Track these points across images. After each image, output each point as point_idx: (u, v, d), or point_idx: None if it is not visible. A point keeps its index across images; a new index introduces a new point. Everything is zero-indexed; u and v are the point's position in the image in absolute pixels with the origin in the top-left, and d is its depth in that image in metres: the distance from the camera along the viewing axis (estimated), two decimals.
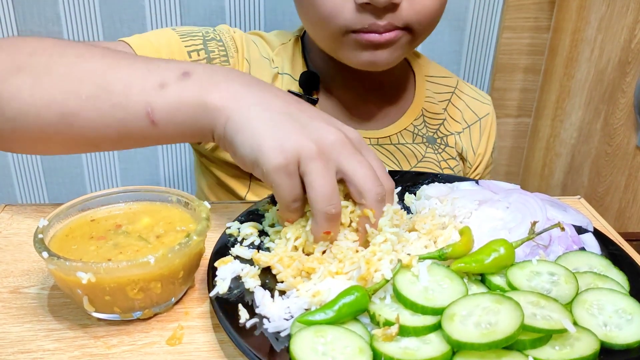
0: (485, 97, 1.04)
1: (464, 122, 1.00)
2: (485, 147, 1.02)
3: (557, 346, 0.45)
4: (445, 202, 0.64)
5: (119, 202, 0.59)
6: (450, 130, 0.98)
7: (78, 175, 1.60)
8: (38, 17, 1.40)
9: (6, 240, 0.63)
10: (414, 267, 0.51)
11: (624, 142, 1.64)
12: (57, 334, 0.50)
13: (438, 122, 0.97)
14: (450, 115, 0.99)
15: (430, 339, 0.46)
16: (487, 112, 1.02)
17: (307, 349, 0.44)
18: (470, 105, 1.01)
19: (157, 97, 0.57)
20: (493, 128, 1.03)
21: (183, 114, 0.57)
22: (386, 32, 0.76)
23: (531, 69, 1.64)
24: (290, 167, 0.52)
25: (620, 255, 0.59)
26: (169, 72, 0.58)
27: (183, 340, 0.50)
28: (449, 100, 0.99)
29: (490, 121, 1.03)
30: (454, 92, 1.01)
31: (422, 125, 0.95)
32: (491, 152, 1.03)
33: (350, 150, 0.54)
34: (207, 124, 0.57)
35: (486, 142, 1.02)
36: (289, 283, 0.53)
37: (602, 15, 1.49)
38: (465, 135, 0.99)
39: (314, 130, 0.54)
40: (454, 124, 0.99)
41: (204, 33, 0.84)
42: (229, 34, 0.86)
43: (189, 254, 0.51)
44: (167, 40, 0.80)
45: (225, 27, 0.88)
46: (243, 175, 0.89)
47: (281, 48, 0.91)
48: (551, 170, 1.71)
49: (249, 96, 0.56)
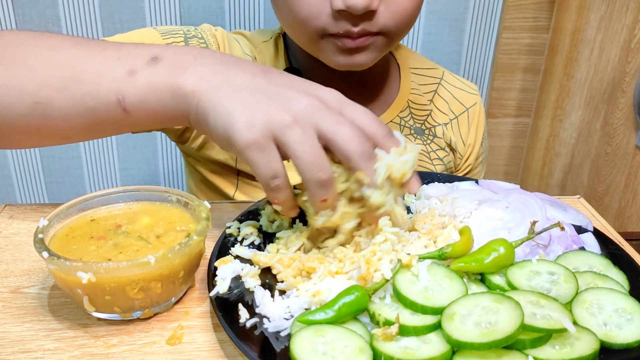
0: (471, 87, 1.04)
1: (451, 112, 1.00)
2: (474, 137, 1.02)
3: (557, 345, 0.45)
4: (445, 202, 0.65)
5: (119, 202, 0.59)
6: (438, 121, 0.98)
7: (78, 176, 1.60)
8: (38, 18, 1.40)
9: (6, 240, 0.63)
10: (413, 267, 0.51)
11: (624, 142, 1.64)
12: (57, 334, 0.50)
13: (424, 113, 0.97)
14: (436, 107, 0.98)
15: (430, 339, 0.46)
16: (474, 102, 1.02)
17: (307, 349, 0.44)
18: (457, 95, 1.01)
19: (127, 84, 0.56)
20: (482, 117, 1.03)
21: (154, 101, 0.56)
22: (360, 38, 0.76)
23: (531, 68, 1.64)
24: (262, 141, 0.50)
25: (620, 255, 0.59)
26: (138, 59, 0.57)
27: (183, 339, 0.50)
28: (435, 91, 0.99)
29: (478, 110, 1.02)
30: (439, 83, 1.00)
31: (408, 117, 0.95)
32: (481, 142, 1.03)
33: (325, 112, 0.52)
34: (179, 109, 0.56)
35: (475, 132, 1.02)
36: (289, 283, 0.53)
37: (601, 15, 1.49)
38: (453, 127, 0.99)
39: (284, 100, 0.52)
40: (441, 115, 0.99)
41: (185, 31, 0.85)
42: (211, 32, 0.87)
43: (189, 254, 0.51)
44: (148, 39, 0.80)
45: (207, 26, 0.88)
46: (230, 174, 0.89)
47: (263, 46, 0.91)
48: (551, 170, 1.71)
49: (216, 76, 0.55)
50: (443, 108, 0.99)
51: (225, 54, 0.59)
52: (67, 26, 1.41)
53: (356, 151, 0.51)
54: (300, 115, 0.51)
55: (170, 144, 1.57)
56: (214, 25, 0.89)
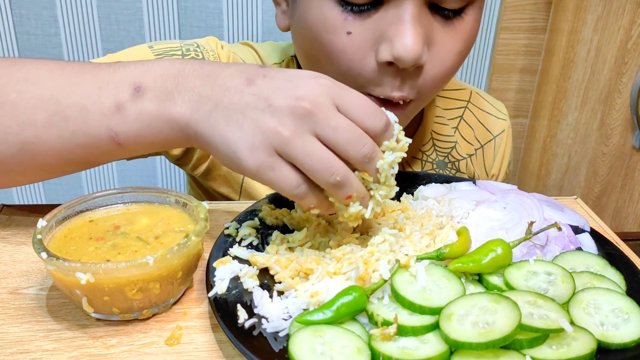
0: (501, 112, 0.96)
1: (477, 141, 0.92)
2: (499, 167, 0.95)
3: (554, 345, 0.45)
4: (443, 203, 0.65)
5: (117, 202, 0.59)
6: (462, 154, 0.91)
7: (75, 176, 1.60)
8: (35, 19, 1.40)
9: (4, 240, 0.63)
10: (411, 267, 0.51)
11: (621, 143, 1.65)
12: (55, 335, 0.50)
13: (449, 145, 0.90)
14: (462, 136, 0.91)
15: (428, 339, 0.46)
16: (503, 129, 0.94)
17: (305, 349, 0.44)
18: (485, 121, 0.93)
19: (117, 120, 0.55)
20: (508, 146, 0.95)
21: (150, 134, 0.56)
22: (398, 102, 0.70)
23: (528, 69, 1.64)
24: (269, 161, 0.50)
25: (617, 255, 0.59)
26: (119, 89, 0.55)
27: (182, 340, 0.50)
28: (460, 117, 0.92)
29: (505, 138, 0.94)
30: (466, 106, 0.93)
31: (431, 150, 0.89)
32: (505, 171, 0.97)
33: (319, 117, 0.50)
34: (178, 138, 0.56)
35: (500, 162, 0.95)
36: (287, 283, 0.53)
37: (598, 16, 1.50)
38: (477, 158, 0.93)
39: (276, 113, 0.50)
40: (466, 146, 0.92)
41: (184, 51, 0.79)
42: (214, 52, 0.81)
43: (188, 255, 0.52)
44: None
45: (213, 42, 0.83)
46: (233, 188, 0.87)
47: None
48: (548, 171, 1.71)
49: (204, 103, 0.53)
50: (468, 137, 0.92)
51: (204, 64, 0.56)
52: (64, 27, 1.41)
53: (356, 156, 0.51)
54: (295, 127, 0.50)
55: None
56: (211, 27, 0.88)
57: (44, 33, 1.41)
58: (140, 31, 1.43)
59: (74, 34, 1.42)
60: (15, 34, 1.40)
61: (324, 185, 0.51)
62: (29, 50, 1.43)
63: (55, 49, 1.43)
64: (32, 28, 1.40)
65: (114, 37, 1.43)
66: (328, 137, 0.50)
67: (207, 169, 0.84)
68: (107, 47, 1.44)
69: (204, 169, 0.84)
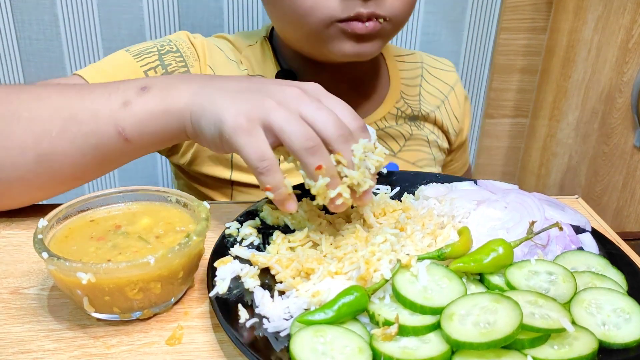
0: (448, 64, 1.07)
1: (440, 93, 1.02)
2: (463, 109, 1.06)
3: (555, 345, 0.45)
4: (444, 202, 0.65)
5: (118, 202, 0.59)
6: (430, 107, 1.00)
7: None
8: (36, 21, 1.40)
9: (5, 240, 0.63)
10: (413, 267, 0.51)
11: (622, 142, 1.64)
12: (56, 334, 0.50)
13: (416, 101, 0.99)
14: (427, 91, 1.01)
15: (430, 339, 0.46)
16: (456, 79, 1.06)
17: (306, 349, 0.44)
18: (439, 76, 1.04)
19: (124, 114, 0.59)
20: (461, 88, 1.07)
21: (153, 124, 0.60)
22: (369, 22, 0.76)
23: (528, 69, 1.64)
24: (248, 125, 0.53)
25: (618, 255, 0.59)
26: (128, 91, 0.60)
27: (182, 340, 0.50)
28: (421, 76, 1.01)
29: (459, 85, 1.07)
30: (422, 66, 1.03)
31: (405, 107, 0.97)
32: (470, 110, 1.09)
33: (306, 99, 0.55)
34: (177, 126, 0.60)
35: (463, 104, 1.06)
36: (289, 283, 0.53)
37: (599, 16, 1.49)
38: (443, 108, 1.02)
39: (269, 91, 0.56)
40: (432, 100, 1.01)
41: (159, 47, 0.83)
42: (187, 43, 0.85)
43: (189, 255, 0.52)
44: (121, 64, 0.80)
45: (183, 34, 0.87)
46: (224, 186, 0.88)
47: (248, 50, 0.90)
48: (548, 170, 1.71)
49: (205, 89, 0.59)
50: (432, 91, 1.02)
51: (211, 75, 0.64)
52: (65, 29, 1.41)
53: (334, 134, 0.53)
54: (282, 101, 0.55)
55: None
56: (212, 26, 0.89)
57: (45, 35, 1.41)
58: (141, 32, 1.43)
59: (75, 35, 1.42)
60: (17, 37, 1.41)
61: (297, 151, 0.53)
62: (31, 55, 1.43)
63: (57, 53, 1.43)
64: (33, 31, 1.40)
65: (114, 38, 1.43)
66: (310, 114, 0.54)
67: (194, 153, 0.86)
68: (108, 47, 1.44)
69: (191, 154, 0.87)
